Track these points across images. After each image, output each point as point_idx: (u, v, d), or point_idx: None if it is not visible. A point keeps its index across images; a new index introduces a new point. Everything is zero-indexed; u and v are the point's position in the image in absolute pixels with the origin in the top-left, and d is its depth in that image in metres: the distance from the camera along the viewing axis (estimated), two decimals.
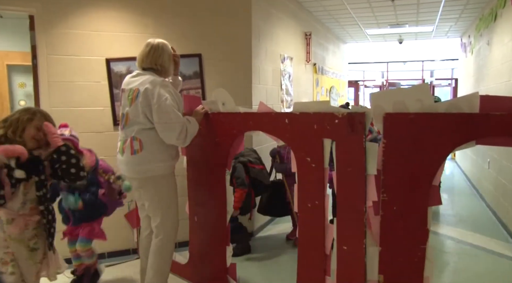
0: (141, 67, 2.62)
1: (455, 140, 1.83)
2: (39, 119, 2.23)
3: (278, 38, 4.99)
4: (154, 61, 2.58)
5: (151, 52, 2.58)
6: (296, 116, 2.33)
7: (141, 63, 2.61)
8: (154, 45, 2.59)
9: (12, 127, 2.15)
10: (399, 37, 9.11)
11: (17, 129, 2.16)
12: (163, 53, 2.60)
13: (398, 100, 1.94)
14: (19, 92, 5.82)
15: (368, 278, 2.10)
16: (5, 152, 2.04)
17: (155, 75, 2.55)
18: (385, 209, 2.00)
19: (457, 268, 3.48)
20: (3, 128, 2.15)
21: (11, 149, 2.07)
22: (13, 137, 2.13)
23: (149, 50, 2.59)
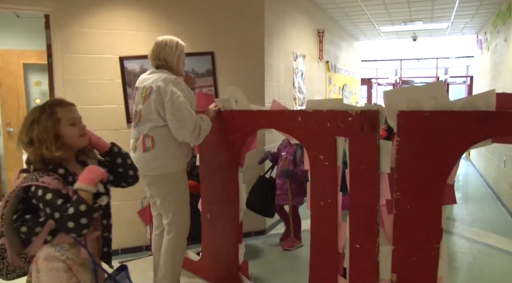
0: (152, 65, 2.65)
1: (471, 138, 1.80)
2: (63, 111, 1.73)
3: (291, 36, 4.97)
4: (157, 56, 2.61)
5: (155, 49, 2.62)
6: (309, 114, 2.32)
7: (150, 61, 2.66)
8: (158, 42, 2.63)
9: (44, 144, 1.64)
10: (413, 34, 9.00)
11: (48, 141, 1.65)
12: (165, 47, 2.61)
13: (412, 98, 1.92)
14: (35, 91, 5.91)
15: (381, 277, 2.09)
16: (92, 181, 1.63)
17: (168, 73, 2.57)
18: (399, 208, 1.98)
19: (472, 268, 3.44)
20: (32, 152, 1.66)
21: (93, 175, 1.66)
22: (51, 154, 1.64)
23: (153, 47, 2.63)
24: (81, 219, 1.56)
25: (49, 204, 1.57)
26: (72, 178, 1.69)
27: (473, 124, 1.78)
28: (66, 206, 1.56)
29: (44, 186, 1.59)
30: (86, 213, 1.57)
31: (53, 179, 1.62)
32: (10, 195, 1.62)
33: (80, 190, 1.60)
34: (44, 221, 1.64)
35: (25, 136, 1.67)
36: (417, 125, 1.91)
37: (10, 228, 1.64)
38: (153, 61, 2.64)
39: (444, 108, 1.85)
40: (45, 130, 1.66)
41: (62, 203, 1.57)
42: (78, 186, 1.61)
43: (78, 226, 1.56)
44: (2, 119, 5.62)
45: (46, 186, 1.59)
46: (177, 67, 2.66)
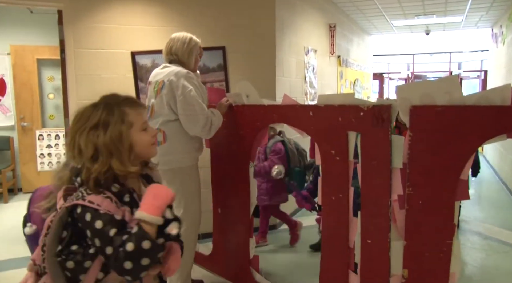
0: (165, 60, 2.68)
1: (485, 133, 1.77)
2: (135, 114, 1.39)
3: (302, 30, 4.94)
4: (169, 51, 2.65)
5: (168, 44, 2.66)
6: (320, 109, 2.31)
7: (164, 56, 2.69)
8: (172, 37, 2.67)
9: (115, 155, 1.27)
10: (426, 28, 8.88)
11: (123, 152, 1.29)
12: (178, 42, 2.63)
13: (425, 93, 1.90)
14: (48, 86, 5.98)
15: (392, 272, 2.08)
16: (159, 209, 1.24)
17: (181, 67, 2.59)
18: (411, 203, 1.97)
19: (484, 265, 3.40)
20: (97, 166, 1.26)
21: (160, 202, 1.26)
22: (125, 169, 1.28)
23: (167, 42, 2.67)
24: (142, 259, 1.17)
25: (99, 234, 1.19)
26: (129, 196, 1.30)
27: (487, 119, 1.75)
28: (122, 239, 1.17)
29: (93, 207, 1.21)
30: (149, 252, 1.18)
31: (104, 199, 1.23)
32: (52, 219, 1.26)
33: (143, 222, 1.20)
34: (96, 253, 1.24)
35: (86, 144, 1.27)
36: (430, 120, 1.89)
37: (54, 264, 1.24)
38: (165, 56, 2.67)
39: (458, 103, 1.83)
40: (118, 138, 1.29)
41: (116, 234, 1.19)
42: (140, 216, 1.21)
43: (137, 267, 1.17)
44: (17, 114, 5.70)
45: (95, 208, 1.21)
46: (188, 61, 2.66)
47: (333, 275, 2.35)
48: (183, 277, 2.67)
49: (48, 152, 5.81)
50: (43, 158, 5.80)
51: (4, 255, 3.58)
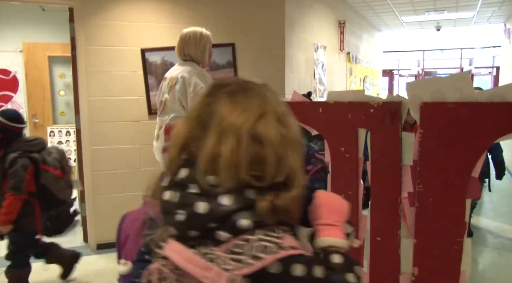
0: (179, 58, 2.71)
1: (497, 130, 1.75)
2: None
3: (312, 27, 4.92)
4: (182, 52, 2.67)
5: (179, 44, 2.68)
6: (330, 106, 2.31)
7: (176, 55, 2.72)
8: (182, 36, 2.68)
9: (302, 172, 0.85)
10: (436, 24, 8.79)
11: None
12: (189, 41, 2.65)
13: (436, 90, 1.88)
14: (59, 83, 6.04)
15: (402, 270, 2.07)
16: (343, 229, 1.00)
17: (195, 65, 2.63)
18: (421, 201, 1.96)
19: (496, 264, 3.37)
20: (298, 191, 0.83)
21: (342, 217, 1.02)
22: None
23: (178, 42, 2.69)
24: None
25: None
26: None
27: (499, 116, 1.74)
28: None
29: (305, 258, 0.79)
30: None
31: (293, 238, 0.83)
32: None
33: (332, 248, 0.90)
34: None
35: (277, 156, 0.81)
36: (441, 117, 1.87)
37: None
38: (178, 56, 2.70)
39: (469, 100, 1.81)
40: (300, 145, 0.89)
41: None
42: (329, 242, 0.91)
43: None
44: (29, 111, 5.77)
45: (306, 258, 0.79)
46: (203, 59, 2.70)
47: None
48: None
49: None
50: None
51: None
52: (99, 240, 3.61)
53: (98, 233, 3.61)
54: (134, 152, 3.63)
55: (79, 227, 4.10)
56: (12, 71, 5.72)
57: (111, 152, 3.56)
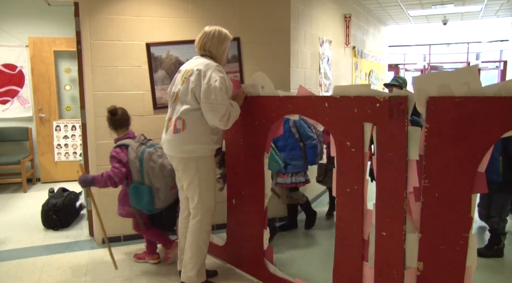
0: (198, 53, 2.73)
1: (505, 125, 1.74)
2: None
3: (317, 21, 4.90)
4: (203, 46, 2.69)
5: (202, 38, 2.69)
6: (336, 100, 2.30)
7: (196, 49, 2.74)
8: (206, 32, 2.69)
9: None
10: (443, 17, 8.71)
11: None
12: (213, 39, 2.67)
13: (443, 84, 1.87)
14: (65, 77, 6.06)
15: (407, 265, 2.07)
16: None
17: (211, 60, 2.64)
18: (427, 196, 1.95)
19: (503, 259, 3.36)
20: None
21: None
22: None
23: (201, 36, 2.70)
24: None
25: None
26: None
27: (507, 110, 1.72)
28: None
29: None
30: None
31: None
32: None
33: None
34: None
35: None
36: (447, 111, 1.86)
37: None
38: (198, 50, 2.72)
39: (477, 94, 1.79)
40: None
41: None
42: None
43: None
44: (35, 105, 5.79)
45: None
46: (221, 58, 2.73)
47: (347, 266, 2.36)
48: (198, 266, 2.70)
49: (65, 143, 5.91)
50: (60, 149, 5.90)
51: (24, 243, 3.67)
52: None
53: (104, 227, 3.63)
54: None
55: (85, 221, 4.13)
56: (18, 66, 5.74)
57: None
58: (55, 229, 4.04)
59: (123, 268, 3.14)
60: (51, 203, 4.09)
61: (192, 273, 2.69)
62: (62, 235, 3.91)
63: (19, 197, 5.18)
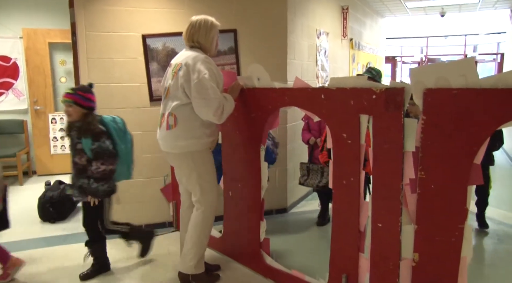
0: (186, 45, 2.69)
1: (501, 117, 1.74)
2: None
3: (314, 13, 4.87)
4: (191, 38, 2.64)
5: (189, 29, 2.65)
6: (332, 92, 2.29)
7: (184, 41, 2.69)
8: (193, 22, 2.65)
9: None
10: (441, 9, 8.67)
11: None
12: (200, 29, 2.62)
13: (440, 76, 1.86)
14: (60, 69, 6.02)
15: (403, 256, 2.08)
16: None
17: (201, 52, 2.60)
18: (423, 187, 1.96)
19: (497, 250, 3.39)
20: None
21: None
22: None
23: (187, 27, 2.66)
24: None
25: None
26: None
27: (504, 102, 1.72)
28: None
29: None
30: None
31: None
32: None
33: None
34: None
35: None
36: (444, 103, 1.86)
37: None
38: (186, 42, 2.67)
39: (474, 86, 1.79)
40: None
41: None
42: None
43: None
44: (30, 98, 5.76)
45: None
46: (211, 48, 2.69)
47: (343, 258, 2.37)
48: (197, 257, 2.70)
49: (61, 135, 5.88)
50: (56, 141, 5.88)
51: (20, 236, 3.67)
52: None
53: None
54: (136, 139, 3.61)
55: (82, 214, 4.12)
56: (12, 57, 5.69)
57: None
58: (51, 222, 4.03)
59: (120, 260, 3.15)
60: (48, 196, 4.09)
61: (191, 263, 2.70)
62: (59, 228, 3.90)
63: (16, 190, 5.17)
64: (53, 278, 2.90)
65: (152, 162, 3.68)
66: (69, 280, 2.88)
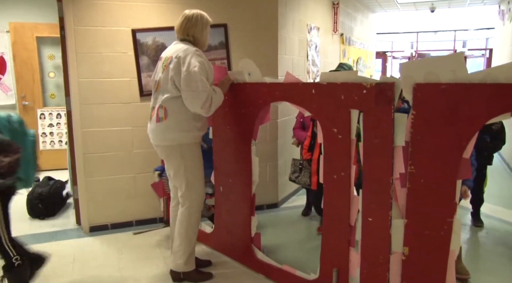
0: (178, 38, 2.67)
1: (489, 111, 1.75)
2: None
3: (305, 8, 4.86)
4: (186, 32, 2.63)
5: (184, 23, 2.63)
6: (323, 87, 2.29)
7: (176, 34, 2.67)
8: (188, 16, 2.63)
9: None
10: (431, 5, 8.72)
11: None
12: (196, 24, 2.62)
13: (429, 71, 1.87)
14: (48, 64, 5.94)
15: (393, 250, 2.10)
16: None
17: (191, 45, 2.59)
18: (413, 182, 1.97)
19: (485, 243, 3.43)
20: None
21: None
22: None
23: (182, 20, 2.64)
24: None
25: None
26: None
27: (492, 97, 1.73)
28: None
29: None
30: None
31: None
32: None
33: None
34: None
35: None
36: (434, 98, 1.87)
37: None
38: (179, 34, 2.65)
39: (463, 81, 1.80)
40: None
41: None
42: None
43: None
44: (18, 93, 5.68)
45: None
46: (205, 42, 2.69)
47: (334, 252, 2.38)
48: (187, 254, 2.70)
49: (50, 131, 5.82)
50: (45, 137, 5.82)
51: None
52: (92, 223, 3.61)
53: (91, 216, 3.61)
54: (126, 134, 3.60)
55: (71, 210, 4.10)
56: None
57: (103, 134, 3.53)
58: (40, 218, 4.00)
59: (111, 257, 3.13)
60: (37, 192, 4.04)
61: (181, 261, 2.69)
62: (49, 224, 3.87)
63: None
64: (42, 275, 2.87)
65: (143, 158, 3.66)
66: (58, 276, 2.86)
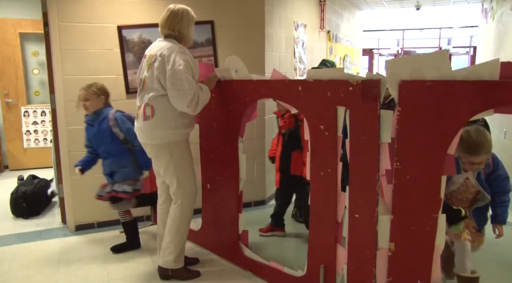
0: (162, 33, 2.63)
1: (473, 108, 1.78)
2: None
3: (292, 5, 4.86)
4: (172, 27, 2.58)
5: (170, 18, 2.58)
6: (309, 84, 2.30)
7: (161, 29, 2.62)
8: (174, 11, 2.58)
9: None
10: (416, 3, 8.81)
11: None
12: (182, 19, 2.58)
13: (415, 68, 1.89)
14: (32, 61, 5.85)
15: (380, 246, 2.12)
16: None
17: (176, 42, 2.56)
18: (398, 178, 1.99)
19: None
20: None
21: None
22: None
23: (167, 15, 2.59)
24: None
25: None
26: None
27: (475, 93, 1.76)
28: None
29: None
30: None
31: None
32: None
33: None
34: None
35: None
36: (419, 95, 1.89)
37: None
38: (164, 29, 2.60)
39: (447, 78, 1.82)
40: None
41: None
42: None
43: None
44: (1, 90, 5.57)
45: None
46: (189, 36, 2.65)
47: (321, 249, 2.39)
48: (177, 251, 2.69)
49: (34, 129, 5.73)
50: (29, 135, 5.73)
51: None
52: (78, 221, 3.57)
53: (77, 214, 3.57)
54: None
55: (57, 209, 4.05)
56: None
57: None
58: (25, 218, 3.94)
59: (97, 256, 3.10)
60: (21, 191, 3.98)
61: (170, 257, 2.68)
62: (33, 223, 3.82)
63: None
64: (27, 275, 2.83)
65: None
66: (44, 276, 2.82)
